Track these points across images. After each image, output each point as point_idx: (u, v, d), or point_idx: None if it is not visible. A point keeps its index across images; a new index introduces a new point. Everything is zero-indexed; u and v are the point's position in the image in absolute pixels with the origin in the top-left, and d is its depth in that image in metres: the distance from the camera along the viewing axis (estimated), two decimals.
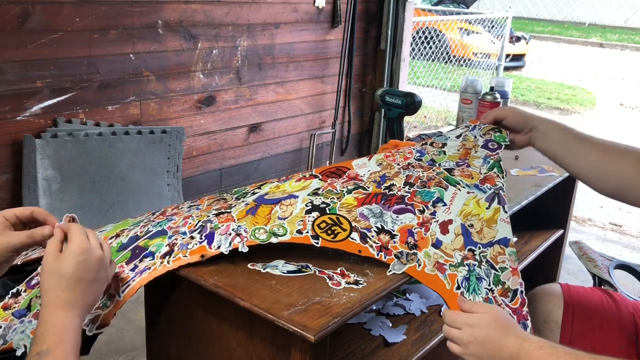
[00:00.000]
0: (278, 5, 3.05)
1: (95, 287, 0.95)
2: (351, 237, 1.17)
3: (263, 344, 1.06)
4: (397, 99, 2.13)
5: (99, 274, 0.95)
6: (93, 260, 0.94)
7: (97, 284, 0.95)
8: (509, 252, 1.19)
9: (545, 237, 1.90)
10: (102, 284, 0.97)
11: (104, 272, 0.96)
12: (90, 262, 0.93)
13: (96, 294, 0.96)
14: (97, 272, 0.95)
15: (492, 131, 1.47)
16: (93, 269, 0.94)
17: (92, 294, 0.94)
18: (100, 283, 0.96)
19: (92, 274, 0.93)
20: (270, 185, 1.34)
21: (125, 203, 2.46)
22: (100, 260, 0.95)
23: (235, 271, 1.11)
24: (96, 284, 0.95)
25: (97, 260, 0.94)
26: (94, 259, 0.94)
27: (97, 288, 0.96)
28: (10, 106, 2.19)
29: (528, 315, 1.11)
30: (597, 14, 16.02)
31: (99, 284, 0.96)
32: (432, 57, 5.67)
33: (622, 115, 6.92)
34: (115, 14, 2.41)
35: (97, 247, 0.96)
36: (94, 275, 0.94)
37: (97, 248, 0.95)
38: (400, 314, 1.47)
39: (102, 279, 0.96)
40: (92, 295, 0.94)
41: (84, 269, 0.92)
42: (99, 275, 0.95)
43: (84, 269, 0.92)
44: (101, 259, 0.95)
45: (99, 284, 0.96)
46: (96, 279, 0.94)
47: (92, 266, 0.94)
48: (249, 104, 3.06)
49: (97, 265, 0.94)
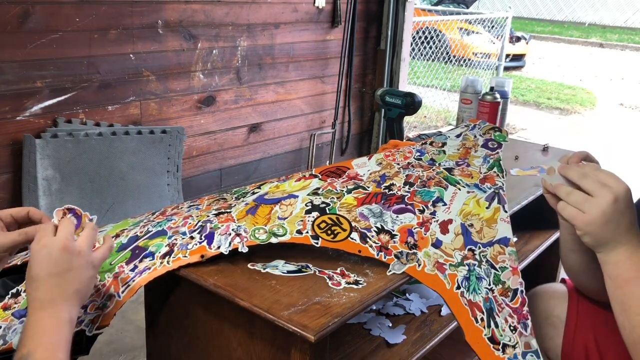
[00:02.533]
0: (278, 5, 3.05)
1: (75, 276, 0.91)
2: (351, 237, 1.17)
3: (263, 344, 1.06)
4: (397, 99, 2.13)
5: (71, 263, 0.90)
6: (56, 252, 0.90)
7: (74, 272, 0.91)
8: (509, 252, 1.19)
9: (545, 237, 1.89)
10: (83, 271, 0.92)
11: (78, 259, 0.92)
12: (54, 255, 0.89)
13: (79, 282, 0.91)
14: (68, 261, 0.90)
15: (492, 130, 1.47)
16: (60, 260, 0.90)
17: (74, 283, 0.90)
18: (78, 271, 0.91)
19: (61, 264, 0.90)
20: (270, 185, 1.34)
21: (125, 203, 2.45)
22: (65, 250, 0.90)
23: (235, 271, 1.11)
24: (73, 273, 0.91)
25: (61, 250, 0.90)
26: (56, 250, 0.90)
27: (78, 276, 0.91)
28: (10, 106, 2.19)
29: (528, 314, 1.11)
30: (597, 14, 16.02)
31: (77, 272, 0.91)
32: (432, 57, 5.67)
33: (622, 115, 6.92)
34: (115, 14, 2.41)
35: (60, 238, 0.91)
36: (65, 265, 0.90)
37: (59, 239, 0.91)
38: (400, 314, 1.46)
39: (79, 266, 0.91)
40: (74, 284, 0.90)
41: (48, 264, 0.89)
42: (72, 264, 0.90)
43: (49, 263, 0.89)
44: (65, 248, 0.90)
45: (77, 272, 0.91)
46: (69, 269, 0.90)
47: (57, 258, 0.90)
48: (249, 104, 3.06)
49: (63, 255, 0.90)
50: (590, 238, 0.98)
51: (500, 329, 1.08)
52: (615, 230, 0.96)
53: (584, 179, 0.99)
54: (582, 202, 0.97)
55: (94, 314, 1.02)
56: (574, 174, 1.01)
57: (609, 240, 0.97)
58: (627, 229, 0.97)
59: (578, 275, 1.24)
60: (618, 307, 0.98)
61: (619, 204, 0.95)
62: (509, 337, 1.08)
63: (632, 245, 0.97)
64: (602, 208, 0.95)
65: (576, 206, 0.98)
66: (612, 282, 0.99)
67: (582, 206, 0.97)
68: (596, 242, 0.98)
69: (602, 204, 0.95)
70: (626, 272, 0.97)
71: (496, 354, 1.06)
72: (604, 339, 1.23)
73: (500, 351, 1.06)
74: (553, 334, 1.31)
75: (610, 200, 0.95)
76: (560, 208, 1.01)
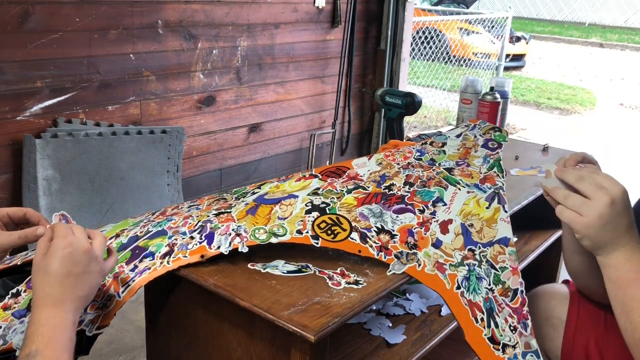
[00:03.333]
0: (278, 5, 3.05)
1: (88, 280, 0.92)
2: (351, 237, 1.17)
3: (263, 344, 1.06)
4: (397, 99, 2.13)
5: (89, 266, 0.92)
6: (79, 253, 0.91)
7: (88, 276, 0.92)
8: (509, 252, 1.19)
9: (545, 237, 1.89)
10: (95, 276, 0.94)
11: (95, 264, 0.93)
12: (76, 255, 0.91)
13: (89, 287, 0.93)
14: (87, 265, 0.92)
15: (492, 130, 1.47)
16: (81, 262, 0.91)
17: (84, 287, 0.92)
18: (92, 275, 0.93)
19: (81, 266, 0.91)
20: (270, 185, 1.34)
21: (125, 203, 2.46)
22: (88, 252, 0.92)
23: (235, 271, 1.11)
24: (87, 276, 0.92)
25: (84, 252, 0.92)
26: (79, 251, 0.91)
27: (90, 280, 0.93)
28: (10, 106, 2.19)
29: (528, 314, 1.11)
30: (597, 14, 16.02)
31: (90, 277, 0.93)
32: (432, 57, 5.67)
33: (622, 115, 6.92)
34: (115, 14, 2.41)
35: (82, 240, 0.93)
36: (83, 267, 0.91)
37: (82, 240, 0.93)
38: (400, 314, 1.46)
39: (93, 271, 0.93)
40: (85, 288, 0.92)
41: (70, 263, 0.90)
42: (89, 268, 0.92)
43: (70, 262, 0.90)
44: (88, 251, 0.92)
45: (90, 277, 0.93)
46: (86, 272, 0.92)
47: (79, 259, 0.91)
48: (249, 104, 3.06)
49: (84, 258, 0.92)
50: (588, 241, 0.98)
51: (500, 329, 1.08)
52: (613, 232, 0.96)
53: (580, 182, 0.98)
54: (580, 205, 0.97)
55: (94, 314, 1.02)
56: (570, 177, 1.01)
57: (608, 242, 0.97)
58: (625, 230, 0.97)
59: (581, 277, 1.24)
60: (619, 309, 0.98)
61: (616, 206, 0.95)
62: (509, 337, 1.08)
63: (631, 247, 0.97)
64: (599, 210, 0.95)
65: (574, 209, 0.98)
66: (612, 284, 0.99)
67: (579, 209, 0.97)
68: (595, 245, 0.98)
69: (599, 206, 0.95)
70: (626, 273, 0.96)
71: (496, 354, 1.06)
72: (604, 341, 1.23)
73: (500, 351, 1.06)
74: (553, 335, 1.31)
75: (607, 202, 0.95)
76: (559, 212, 1.01)
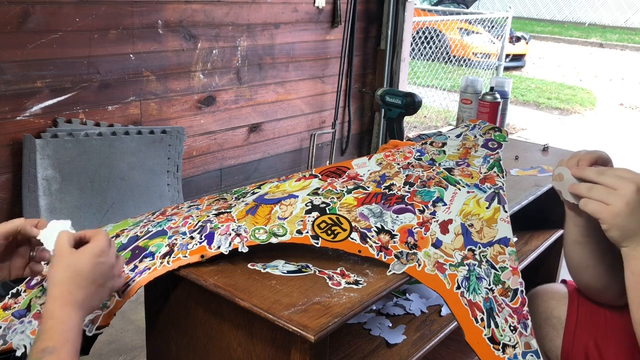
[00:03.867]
0: (278, 5, 3.05)
1: (103, 294, 0.95)
2: (351, 237, 1.17)
3: (263, 344, 1.06)
4: (397, 99, 2.13)
5: (108, 282, 0.95)
6: (107, 266, 0.94)
7: (104, 290, 0.95)
8: (509, 252, 1.19)
9: (545, 237, 1.90)
10: (107, 293, 0.97)
11: (110, 282, 0.96)
12: (106, 267, 0.94)
13: (99, 300, 0.95)
14: (107, 279, 0.95)
15: (492, 130, 1.47)
16: (105, 275, 0.94)
17: (97, 299, 0.94)
18: (106, 290, 0.96)
19: (103, 279, 0.94)
20: (270, 185, 1.34)
21: (125, 203, 2.46)
22: (112, 268, 0.96)
23: (235, 271, 1.11)
24: (103, 290, 0.95)
25: (110, 267, 0.95)
26: (108, 265, 0.94)
27: (103, 295, 0.95)
28: (10, 106, 2.19)
29: (528, 314, 1.11)
30: (597, 14, 16.02)
31: (105, 292, 0.96)
32: (432, 57, 5.67)
33: (622, 115, 6.92)
34: (115, 14, 2.41)
35: (113, 256, 0.96)
36: (104, 281, 0.94)
37: (113, 256, 0.96)
38: (400, 314, 1.46)
39: (108, 288, 0.96)
40: (97, 299, 0.94)
41: (99, 272, 0.93)
42: (107, 283, 0.95)
43: (100, 271, 0.93)
44: (112, 267, 0.96)
45: (105, 292, 0.96)
46: (104, 285, 0.94)
47: (106, 272, 0.94)
48: (249, 104, 3.06)
49: (109, 272, 0.95)
50: (617, 230, 0.97)
51: (500, 329, 1.08)
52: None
53: (601, 176, 0.99)
54: (606, 195, 0.97)
55: (94, 314, 1.02)
56: (590, 174, 1.01)
57: (637, 231, 0.96)
58: None
59: (579, 271, 1.23)
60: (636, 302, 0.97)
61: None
62: (509, 337, 1.08)
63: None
64: (626, 198, 0.95)
65: (600, 199, 0.97)
66: (634, 277, 0.98)
67: (605, 198, 0.97)
68: (623, 235, 0.97)
69: (626, 194, 0.95)
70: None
71: (496, 354, 1.06)
72: (603, 340, 1.23)
73: (500, 351, 1.06)
74: (553, 335, 1.31)
75: (634, 189, 0.95)
76: (583, 204, 1.01)
